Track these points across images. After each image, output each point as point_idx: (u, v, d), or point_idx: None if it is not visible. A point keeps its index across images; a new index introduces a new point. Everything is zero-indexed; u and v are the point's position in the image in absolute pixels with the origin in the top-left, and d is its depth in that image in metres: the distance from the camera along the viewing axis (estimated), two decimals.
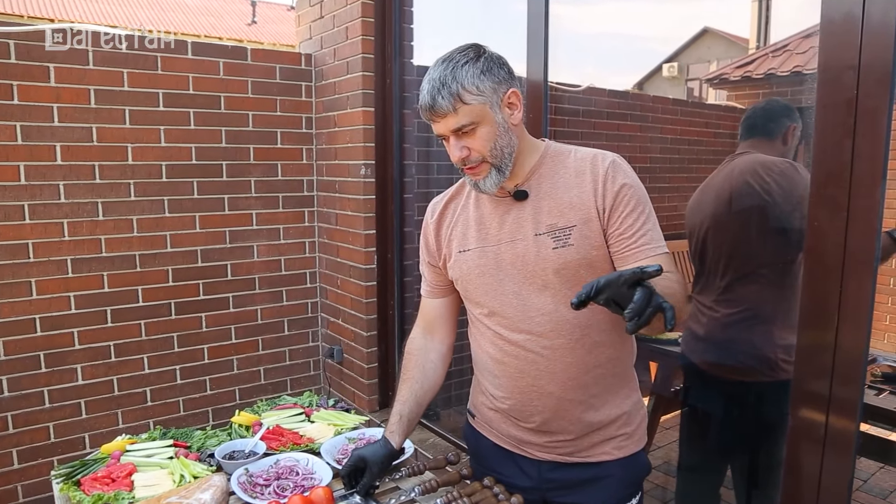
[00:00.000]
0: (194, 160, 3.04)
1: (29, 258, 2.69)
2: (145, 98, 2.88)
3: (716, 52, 10.38)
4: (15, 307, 2.69)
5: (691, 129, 4.40)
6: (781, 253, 1.88)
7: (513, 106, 1.30)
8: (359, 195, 3.09)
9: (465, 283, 1.43)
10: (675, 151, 4.36)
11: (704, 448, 2.18)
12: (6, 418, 2.70)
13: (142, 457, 1.68)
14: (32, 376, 2.74)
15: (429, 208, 1.53)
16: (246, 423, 1.88)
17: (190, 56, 2.97)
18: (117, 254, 2.88)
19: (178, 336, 3.08)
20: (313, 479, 1.57)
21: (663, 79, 10.56)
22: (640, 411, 1.45)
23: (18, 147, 2.64)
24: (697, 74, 9.08)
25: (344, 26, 3.06)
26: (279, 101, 3.26)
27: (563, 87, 4.04)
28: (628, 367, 1.43)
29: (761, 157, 1.94)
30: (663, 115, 4.40)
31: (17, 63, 2.60)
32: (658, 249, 1.27)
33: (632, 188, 1.28)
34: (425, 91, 1.26)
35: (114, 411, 2.93)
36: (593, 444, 1.39)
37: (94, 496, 1.47)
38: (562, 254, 1.29)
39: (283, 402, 2.07)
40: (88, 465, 1.63)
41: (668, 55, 10.36)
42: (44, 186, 2.70)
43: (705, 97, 6.51)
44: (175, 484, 1.55)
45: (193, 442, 1.78)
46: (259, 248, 3.28)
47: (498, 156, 1.28)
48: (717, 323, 2.05)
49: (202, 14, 14.82)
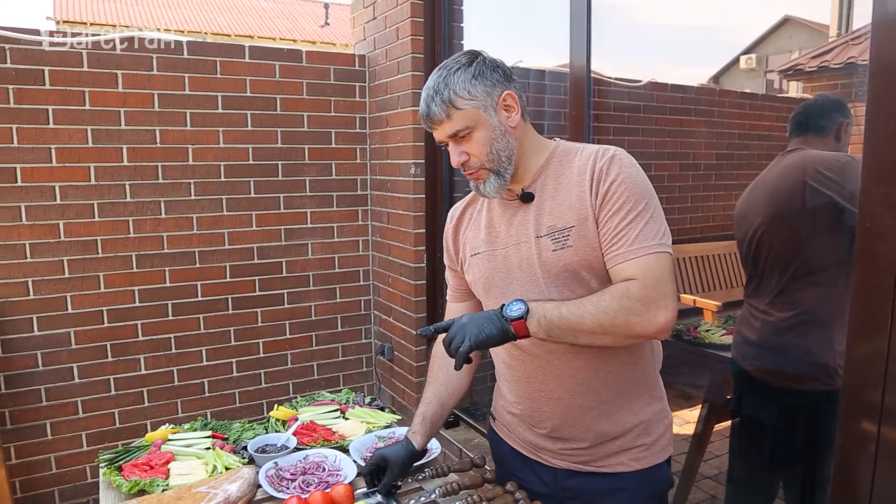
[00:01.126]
0: (251, 160, 3.14)
1: (98, 254, 2.86)
2: (205, 101, 3.00)
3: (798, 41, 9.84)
4: (85, 299, 2.86)
5: (761, 123, 4.19)
6: (841, 253, 1.76)
7: (509, 108, 1.29)
8: (409, 194, 3.12)
9: (478, 286, 1.43)
10: (743, 147, 4.17)
11: (755, 460, 2.07)
12: (76, 403, 2.88)
13: (181, 446, 1.75)
14: (100, 365, 2.91)
15: (448, 214, 1.54)
16: (283, 418, 1.92)
17: (247, 60, 3.07)
18: (178, 250, 3.01)
19: (234, 330, 3.19)
20: (339, 475, 1.59)
21: (740, 71, 10.11)
22: (662, 421, 1.39)
23: (89, 149, 2.80)
24: (777, 66, 8.64)
25: (395, 27, 3.09)
26: (333, 101, 3.32)
27: (623, 82, 3.94)
28: (648, 374, 1.38)
29: (816, 153, 1.83)
30: (730, 110, 4.22)
31: (88, 71, 2.76)
32: (642, 251, 1.19)
33: (623, 184, 1.21)
34: (421, 100, 1.28)
35: (173, 401, 3.07)
36: (608, 453, 1.35)
37: (131, 482, 1.54)
38: (561, 256, 1.26)
39: (321, 398, 2.11)
40: (131, 452, 1.71)
41: (745, 46, 9.92)
42: (111, 186, 2.85)
43: (785, 89, 6.18)
44: (208, 474, 1.61)
45: (231, 434, 1.84)
46: (313, 246, 3.36)
47: (495, 160, 1.27)
48: (772, 327, 1.95)
49: (278, 17, 15.30)
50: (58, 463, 2.88)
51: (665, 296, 1.18)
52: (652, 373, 1.39)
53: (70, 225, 2.79)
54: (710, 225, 4.12)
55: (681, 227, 4.08)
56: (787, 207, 1.89)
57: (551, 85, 3.42)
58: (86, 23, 12.09)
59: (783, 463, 2.04)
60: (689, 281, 3.93)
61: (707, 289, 3.93)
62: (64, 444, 2.88)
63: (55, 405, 2.85)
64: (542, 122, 3.35)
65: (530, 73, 3.45)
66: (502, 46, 3.50)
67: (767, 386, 2.00)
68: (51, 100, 2.70)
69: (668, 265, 1.20)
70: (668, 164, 4.11)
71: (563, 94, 3.00)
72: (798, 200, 1.85)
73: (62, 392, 2.85)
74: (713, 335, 2.50)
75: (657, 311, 1.16)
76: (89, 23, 12.00)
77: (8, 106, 2.64)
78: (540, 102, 3.41)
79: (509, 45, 3.53)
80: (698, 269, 3.97)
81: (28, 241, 2.73)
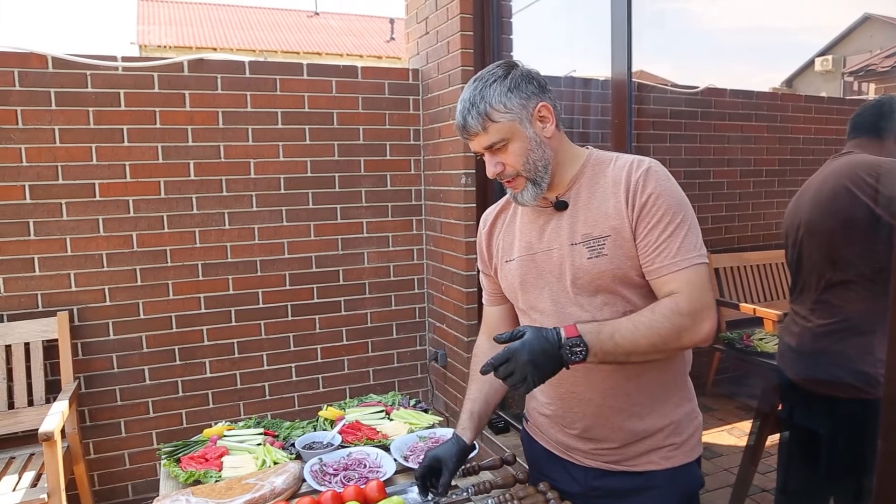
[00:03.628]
0: (309, 173, 3.28)
1: (167, 263, 3.05)
2: (266, 117, 3.16)
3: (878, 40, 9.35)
4: (156, 306, 3.05)
5: (828, 127, 4.04)
6: (881, 259, 1.70)
7: (544, 119, 1.31)
8: (460, 203, 3.18)
9: (510, 291, 1.47)
10: (808, 153, 4.04)
11: (800, 471, 2.01)
12: (147, 403, 3.07)
13: (234, 442, 1.85)
14: (168, 368, 3.09)
15: (482, 219, 1.58)
16: (331, 418, 2.01)
17: (305, 77, 3.22)
18: (241, 259, 3.17)
19: (293, 336, 3.33)
20: (379, 472, 1.65)
21: (816, 73, 9.71)
22: (692, 422, 1.39)
23: (159, 165, 3.00)
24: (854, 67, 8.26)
25: (446, 41, 3.17)
26: (388, 115, 3.43)
27: (679, 89, 3.89)
28: (679, 376, 1.39)
29: (862, 157, 1.78)
30: (794, 114, 4.09)
31: (159, 92, 2.96)
32: (684, 262, 1.22)
33: (661, 197, 1.24)
34: (458, 112, 1.32)
35: (236, 403, 3.22)
36: (639, 453, 1.36)
37: (187, 473, 1.65)
38: (596, 263, 1.28)
39: (369, 399, 2.19)
40: (190, 446, 1.83)
41: (821, 48, 9.52)
42: (179, 199, 3.04)
43: (864, 92, 5.91)
44: (257, 467, 1.70)
45: (281, 432, 1.93)
46: (369, 255, 3.47)
47: (532, 169, 1.30)
48: (809, 333, 1.89)
49: (345, 35, 15.76)
50: (131, 459, 3.07)
51: (708, 306, 1.22)
52: (683, 375, 1.40)
53: (142, 236, 2.99)
54: (772, 233, 4.01)
55: (741, 234, 3.98)
56: (826, 212, 1.83)
57: (603, 93, 3.41)
58: (166, 46, 12.80)
59: (827, 474, 1.97)
60: (751, 290, 3.82)
61: (769, 298, 3.81)
62: (136, 441, 3.08)
63: (128, 405, 3.04)
64: (591, 130, 3.36)
65: (581, 83, 3.47)
66: (552, 57, 3.54)
67: (808, 393, 1.95)
68: (125, 120, 2.92)
69: (707, 275, 1.24)
70: (728, 171, 4.02)
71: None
72: (838, 205, 1.79)
73: (134, 393, 3.05)
74: (766, 344, 2.44)
75: (702, 321, 1.21)
76: (169, 46, 12.70)
77: (88, 127, 2.86)
78: (592, 112, 3.41)
79: (559, 55, 3.56)
80: (760, 278, 3.86)
81: (105, 251, 2.94)
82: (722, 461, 3.08)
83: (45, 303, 2.88)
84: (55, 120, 2.81)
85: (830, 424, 1.87)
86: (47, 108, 2.79)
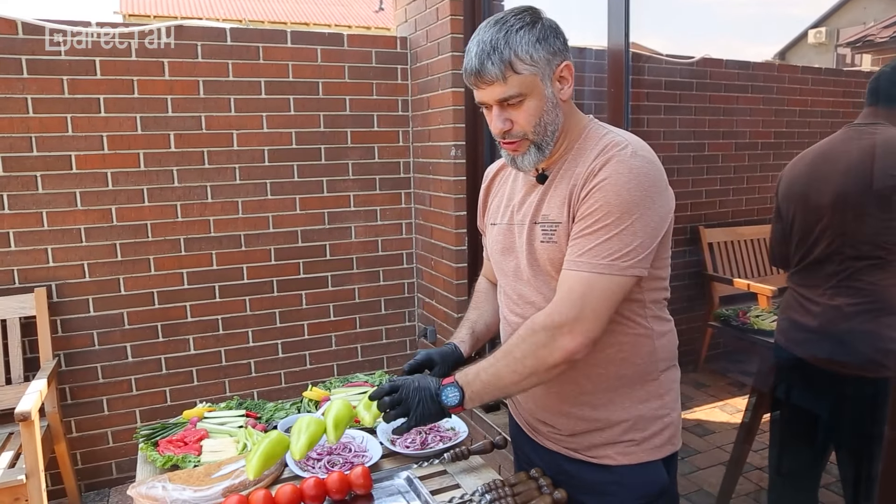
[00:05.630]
0: (294, 145, 3.18)
1: (148, 237, 2.96)
2: (248, 87, 3.05)
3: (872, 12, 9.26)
4: (137, 282, 2.97)
5: (824, 98, 3.97)
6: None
7: (564, 80, 1.21)
8: (449, 176, 3.09)
9: (491, 254, 1.44)
10: (804, 125, 3.97)
11: (799, 451, 1.97)
12: (130, 381, 3.01)
13: (215, 424, 1.79)
14: (151, 344, 3.02)
15: (486, 172, 1.51)
16: (316, 398, 1.95)
17: (289, 45, 3.10)
18: (224, 234, 3.09)
19: (279, 312, 3.26)
20: (364, 456, 1.60)
21: (809, 46, 9.61)
22: (661, 418, 1.30)
23: (138, 136, 2.89)
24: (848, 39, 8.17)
25: (434, 7, 3.05)
26: (375, 84, 3.32)
27: (674, 59, 3.79)
28: (646, 371, 1.29)
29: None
30: (791, 86, 4.01)
31: (136, 60, 2.84)
32: (584, 265, 1.13)
33: (603, 190, 1.13)
34: (472, 54, 1.16)
35: (221, 380, 3.17)
36: (593, 444, 1.31)
37: (165, 457, 1.59)
38: (547, 249, 1.22)
39: (355, 379, 2.13)
40: (168, 429, 1.77)
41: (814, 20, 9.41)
42: (160, 172, 2.94)
43: (857, 64, 5.84)
44: (238, 451, 1.64)
45: (264, 413, 1.87)
46: (357, 230, 3.39)
47: (541, 133, 1.20)
48: (836, 313, 1.81)
49: (333, 4, 15.43)
50: (114, 437, 3.02)
51: (579, 320, 1.12)
52: (653, 370, 1.30)
53: (121, 210, 2.90)
54: (767, 207, 3.94)
55: (736, 209, 3.92)
56: (866, 192, 1.72)
57: (597, 63, 3.32)
58: (149, 15, 12.49)
59: (836, 454, 1.94)
60: (745, 265, 3.78)
61: (763, 273, 3.77)
62: (119, 419, 3.02)
63: (110, 382, 2.98)
64: (584, 101, 3.27)
65: (576, 52, 3.37)
66: None
67: (824, 373, 1.89)
68: (102, 89, 2.80)
69: (605, 289, 1.13)
70: (722, 144, 3.95)
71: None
72: (887, 183, 1.69)
73: (116, 370, 2.98)
74: (763, 321, 2.39)
75: (560, 337, 1.13)
76: (153, 15, 12.39)
77: (63, 96, 2.75)
78: (587, 82, 3.32)
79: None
80: (754, 253, 3.81)
81: (83, 225, 2.85)
82: (714, 438, 3.06)
83: (22, 279, 2.79)
84: (27, 89, 2.69)
85: (847, 404, 1.82)
86: (19, 77, 2.67)
